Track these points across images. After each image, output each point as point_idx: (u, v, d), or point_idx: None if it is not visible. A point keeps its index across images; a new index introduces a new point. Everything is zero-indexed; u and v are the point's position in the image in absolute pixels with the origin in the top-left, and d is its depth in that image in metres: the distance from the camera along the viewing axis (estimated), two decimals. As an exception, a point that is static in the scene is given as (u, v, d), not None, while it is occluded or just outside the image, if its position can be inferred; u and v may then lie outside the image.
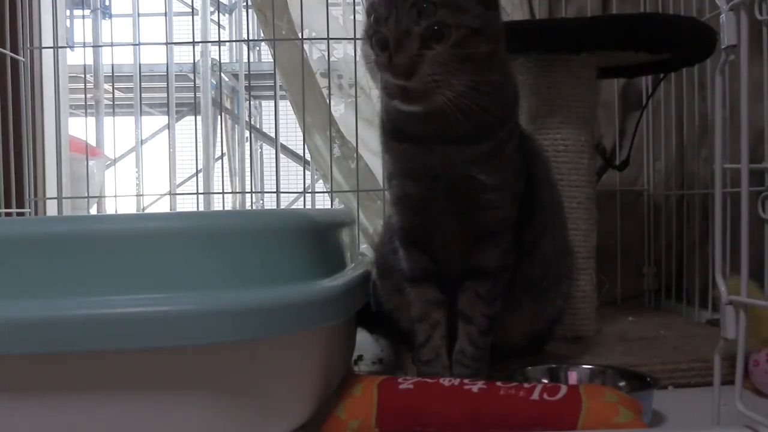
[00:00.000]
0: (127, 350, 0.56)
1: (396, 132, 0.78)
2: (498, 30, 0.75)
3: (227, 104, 3.13)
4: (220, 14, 3.12)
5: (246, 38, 2.09)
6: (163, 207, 2.25)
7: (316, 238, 0.71)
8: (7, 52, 1.39)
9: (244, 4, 2.57)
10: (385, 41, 0.69)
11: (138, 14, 2.22)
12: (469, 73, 0.69)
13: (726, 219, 0.70)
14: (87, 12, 2.56)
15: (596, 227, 1.09)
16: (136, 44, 2.04)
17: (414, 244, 0.83)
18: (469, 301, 0.80)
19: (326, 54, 1.43)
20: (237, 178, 2.82)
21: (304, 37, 1.48)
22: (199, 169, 2.12)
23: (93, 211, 1.94)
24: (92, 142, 2.42)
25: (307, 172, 1.60)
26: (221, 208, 1.75)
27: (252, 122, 3.28)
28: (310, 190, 1.70)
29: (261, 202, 2.31)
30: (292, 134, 2.13)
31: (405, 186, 0.79)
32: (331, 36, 1.40)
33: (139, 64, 2.00)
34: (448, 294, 0.82)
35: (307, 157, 1.58)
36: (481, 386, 0.69)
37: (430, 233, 0.81)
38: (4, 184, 1.35)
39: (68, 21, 2.38)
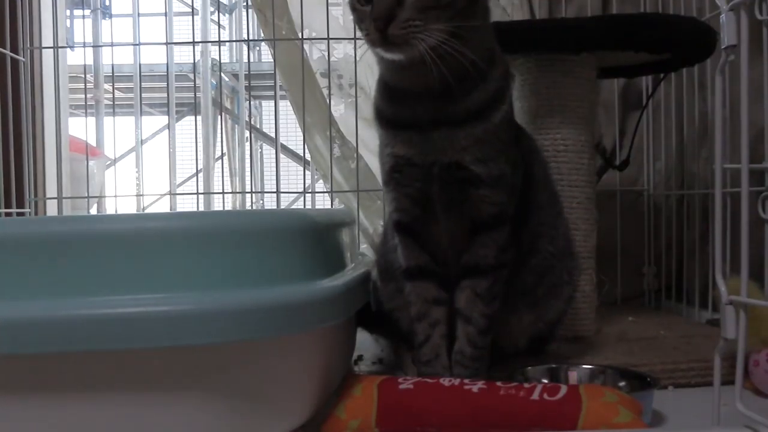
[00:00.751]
0: (127, 350, 0.56)
1: (390, 119, 0.78)
2: None
3: (227, 104, 3.13)
4: (220, 14, 3.12)
5: (246, 38, 2.09)
6: (163, 207, 2.25)
7: (316, 238, 0.71)
8: (7, 52, 1.39)
9: (244, 4, 2.57)
10: None
11: (138, 14, 2.22)
12: (447, 20, 0.70)
13: (726, 219, 0.70)
14: (87, 12, 2.56)
15: (596, 227, 1.09)
16: (136, 44, 2.04)
17: (410, 235, 0.82)
18: (467, 301, 0.80)
19: (326, 54, 1.43)
20: (237, 178, 2.82)
21: (304, 37, 1.48)
22: (199, 169, 2.12)
23: (93, 211, 1.94)
24: (92, 142, 2.43)
25: (307, 172, 1.60)
26: (221, 208, 1.75)
27: (252, 122, 3.28)
28: (310, 190, 1.70)
29: (261, 202, 2.31)
30: (292, 134, 2.13)
31: (397, 149, 0.78)
32: (331, 36, 1.40)
33: (139, 64, 2.00)
34: (448, 291, 0.82)
35: (307, 157, 1.58)
36: (481, 386, 0.69)
37: (425, 221, 0.81)
38: (4, 184, 1.35)
39: (68, 21, 2.38)
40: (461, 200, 0.78)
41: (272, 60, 1.53)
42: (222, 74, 2.78)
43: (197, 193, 1.74)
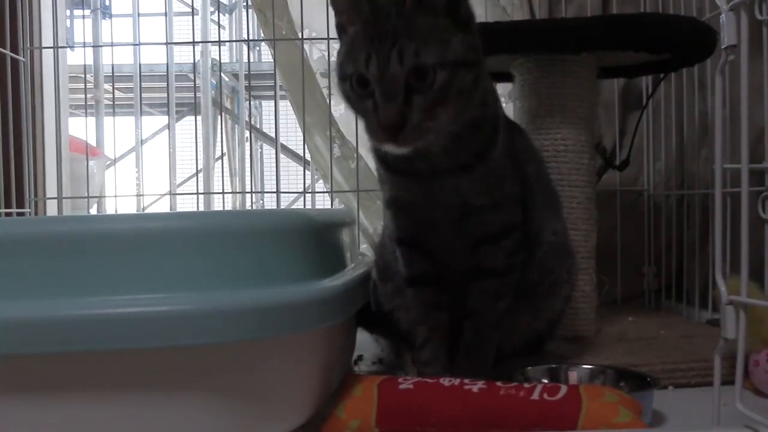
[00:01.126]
0: (127, 350, 0.56)
1: (390, 165, 0.78)
2: (477, 50, 0.71)
3: (227, 104, 3.13)
4: (220, 14, 3.13)
5: (246, 38, 2.10)
6: (163, 207, 2.25)
7: (316, 238, 0.71)
8: (7, 52, 1.39)
9: (244, 4, 2.58)
10: (367, 81, 0.66)
11: (138, 14, 2.23)
12: (456, 108, 0.68)
13: (726, 219, 0.70)
14: (87, 12, 2.56)
15: (596, 227, 1.09)
16: (136, 44, 2.05)
17: (411, 247, 0.83)
18: (478, 298, 0.80)
19: (326, 54, 1.43)
20: (237, 178, 2.82)
21: (304, 37, 1.48)
22: (199, 169, 2.13)
23: (93, 211, 1.94)
24: (92, 142, 2.43)
25: (307, 172, 1.60)
26: (221, 208, 1.75)
27: (252, 122, 3.28)
28: (310, 190, 1.70)
29: (261, 202, 2.31)
30: (292, 134, 2.13)
31: (396, 190, 0.79)
32: (331, 36, 1.40)
33: (139, 64, 2.00)
34: (449, 294, 0.82)
35: (307, 157, 1.58)
36: (481, 386, 0.69)
37: (427, 236, 0.81)
38: (4, 184, 1.35)
39: (68, 21, 2.39)
40: (466, 223, 0.78)
41: (272, 60, 1.54)
42: (222, 74, 2.78)
43: (197, 193, 1.74)
